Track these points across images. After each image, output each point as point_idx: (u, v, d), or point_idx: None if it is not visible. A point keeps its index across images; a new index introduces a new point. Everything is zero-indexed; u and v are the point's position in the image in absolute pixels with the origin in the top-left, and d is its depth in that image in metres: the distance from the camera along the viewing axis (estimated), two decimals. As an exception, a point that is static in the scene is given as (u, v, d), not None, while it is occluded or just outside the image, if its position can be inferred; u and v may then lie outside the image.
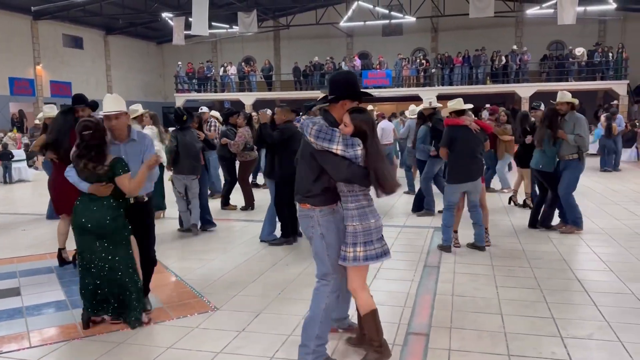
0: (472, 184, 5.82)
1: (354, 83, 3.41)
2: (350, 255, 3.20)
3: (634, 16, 25.68)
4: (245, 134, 8.46)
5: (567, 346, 3.54)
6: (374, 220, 3.25)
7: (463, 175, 5.78)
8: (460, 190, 5.88)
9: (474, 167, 5.81)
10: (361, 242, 3.20)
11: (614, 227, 7.13)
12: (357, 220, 3.20)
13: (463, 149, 5.77)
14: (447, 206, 5.97)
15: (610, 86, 22.73)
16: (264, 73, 27.46)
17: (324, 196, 3.28)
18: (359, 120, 3.14)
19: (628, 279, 4.92)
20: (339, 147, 3.10)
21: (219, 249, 6.34)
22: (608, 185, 10.90)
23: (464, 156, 5.76)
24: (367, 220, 3.22)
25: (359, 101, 3.37)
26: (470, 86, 24.46)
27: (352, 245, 3.20)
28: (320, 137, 3.13)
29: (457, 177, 5.81)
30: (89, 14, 25.03)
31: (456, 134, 5.82)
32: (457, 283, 4.90)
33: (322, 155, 3.17)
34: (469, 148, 5.78)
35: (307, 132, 3.19)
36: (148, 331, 3.92)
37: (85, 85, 27.26)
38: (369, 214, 3.24)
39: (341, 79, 3.39)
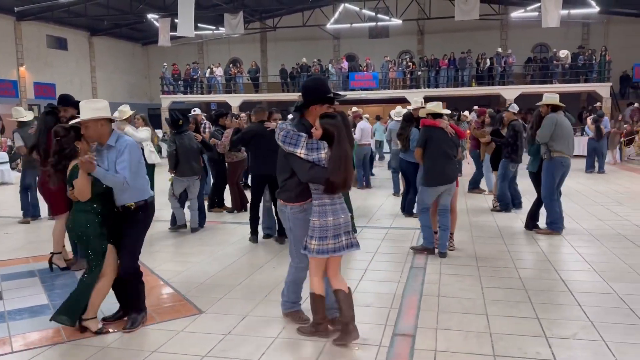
0: (447, 186, 5.80)
1: (322, 88, 3.69)
2: (308, 246, 3.59)
3: (617, 19, 26.06)
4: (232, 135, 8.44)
5: (551, 346, 3.57)
6: (332, 218, 3.53)
7: (440, 178, 5.75)
8: (436, 192, 5.84)
9: (449, 169, 5.78)
10: (317, 236, 3.54)
11: (598, 227, 7.22)
12: (316, 216, 3.55)
13: (437, 150, 5.75)
14: (422, 209, 5.95)
15: (594, 88, 23.03)
16: (251, 75, 27.40)
17: (295, 193, 3.65)
18: (327, 125, 3.47)
19: (611, 279, 4.98)
20: (302, 151, 3.44)
21: (205, 251, 6.30)
22: (592, 187, 11.04)
23: (438, 158, 5.73)
24: (325, 217, 3.53)
25: (329, 104, 3.66)
26: (456, 88, 24.63)
27: (310, 238, 3.58)
28: (286, 142, 3.49)
29: (434, 179, 5.77)
30: (73, 14, 24.77)
31: (432, 135, 5.80)
32: (443, 284, 4.92)
33: (290, 157, 3.55)
34: (443, 150, 5.76)
35: (276, 136, 3.55)
36: (133, 335, 3.88)
37: (70, 86, 26.95)
38: (329, 211, 3.54)
39: (310, 86, 3.70)
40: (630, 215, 7.94)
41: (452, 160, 5.82)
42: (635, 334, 3.75)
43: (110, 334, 3.88)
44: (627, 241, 6.42)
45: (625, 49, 25.37)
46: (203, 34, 27.41)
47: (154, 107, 30.65)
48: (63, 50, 27.16)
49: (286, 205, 3.72)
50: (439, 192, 5.85)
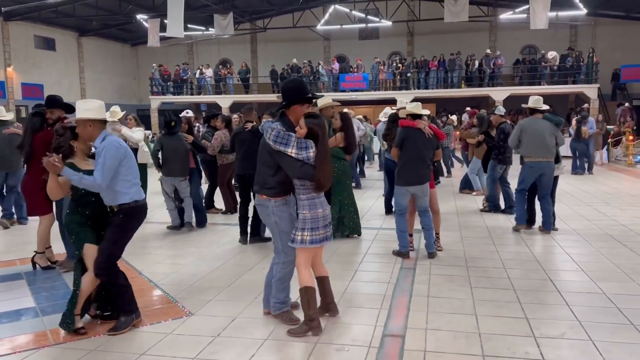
0: (419, 187, 5.77)
1: (301, 89, 3.87)
2: (299, 238, 3.76)
3: (604, 21, 26.32)
4: (222, 137, 8.40)
5: (540, 345, 3.59)
6: (321, 210, 3.81)
7: (410, 178, 5.75)
8: (408, 192, 5.82)
9: (422, 171, 5.77)
10: (308, 227, 3.76)
11: (586, 228, 7.28)
12: (307, 209, 3.77)
13: (413, 151, 5.74)
14: (398, 211, 5.91)
15: (582, 90, 23.23)
16: (241, 76, 27.33)
17: (279, 189, 3.84)
18: (312, 124, 3.71)
19: (599, 278, 5.02)
20: (293, 150, 3.65)
21: (194, 252, 6.27)
22: (580, 187, 11.13)
23: (413, 158, 5.74)
24: (316, 210, 3.78)
25: (309, 103, 3.90)
26: (446, 90, 24.75)
27: (301, 230, 3.77)
28: (278, 142, 3.67)
29: (404, 179, 5.76)
30: (62, 15, 24.60)
31: (408, 136, 5.79)
32: (432, 284, 4.94)
33: (279, 155, 3.72)
34: (419, 151, 5.76)
35: (267, 135, 3.72)
36: (121, 337, 3.85)
37: (58, 87, 26.72)
38: (318, 204, 3.80)
39: (289, 87, 3.90)
40: (617, 216, 8.02)
41: (425, 162, 5.79)
42: (622, 333, 3.78)
43: (97, 337, 3.85)
44: (614, 241, 6.48)
45: (612, 50, 25.64)
46: (193, 35, 27.32)
47: (143, 107, 30.48)
48: (51, 51, 26.95)
49: (269, 199, 3.87)
50: (410, 193, 5.83)
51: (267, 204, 3.88)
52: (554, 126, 6.99)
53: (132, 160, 4.01)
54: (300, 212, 3.79)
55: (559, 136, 7.01)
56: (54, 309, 4.43)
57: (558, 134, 7.00)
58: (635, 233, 6.88)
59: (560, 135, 7.05)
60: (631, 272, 5.20)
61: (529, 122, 7.01)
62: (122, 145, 3.96)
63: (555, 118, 7.12)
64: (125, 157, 3.93)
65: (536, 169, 6.89)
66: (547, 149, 6.85)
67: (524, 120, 7.20)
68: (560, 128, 7.14)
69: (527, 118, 7.15)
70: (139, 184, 4.07)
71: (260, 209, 3.97)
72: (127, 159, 3.95)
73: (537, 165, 6.87)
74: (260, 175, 3.90)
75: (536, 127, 6.89)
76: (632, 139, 15.92)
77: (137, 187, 4.03)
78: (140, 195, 4.01)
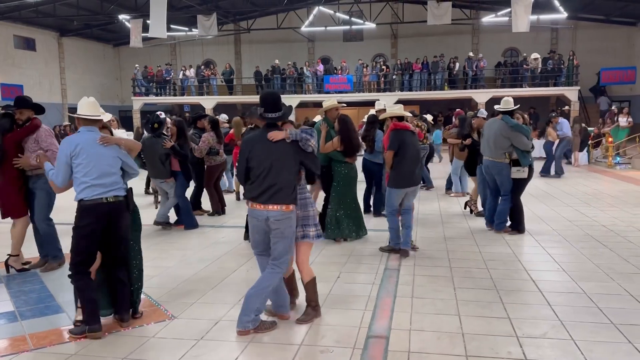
0: (413, 188, 5.92)
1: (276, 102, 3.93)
2: (313, 233, 4.03)
3: (584, 24, 26.73)
4: (210, 139, 8.36)
5: (522, 345, 3.62)
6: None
7: (409, 180, 5.83)
8: (403, 194, 5.91)
9: (417, 172, 5.92)
10: (312, 223, 4.05)
11: (567, 228, 7.37)
12: (312, 205, 4.10)
13: (411, 153, 5.81)
14: (390, 211, 6.00)
15: (563, 92, 23.56)
16: (225, 77, 27.20)
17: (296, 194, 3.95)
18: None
19: (580, 278, 5.08)
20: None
21: (177, 255, 6.22)
22: (560, 188, 11.27)
23: (409, 161, 5.79)
24: (314, 206, 4.12)
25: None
26: (429, 92, 24.91)
27: (307, 227, 4.03)
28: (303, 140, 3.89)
29: (403, 182, 5.82)
30: (42, 15, 24.24)
31: (404, 138, 5.82)
32: (416, 285, 4.95)
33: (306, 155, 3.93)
34: (416, 152, 5.89)
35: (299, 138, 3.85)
36: (103, 342, 3.80)
37: (38, 88, 26.34)
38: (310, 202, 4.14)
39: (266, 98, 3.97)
40: (597, 216, 8.13)
41: (420, 163, 5.95)
42: (603, 332, 3.83)
43: (77, 341, 3.79)
44: (594, 241, 6.57)
45: (592, 53, 26.05)
46: (176, 35, 27.14)
47: (126, 108, 30.18)
48: (31, 51, 26.53)
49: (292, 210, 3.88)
50: (405, 193, 5.93)
51: (291, 215, 3.87)
52: (507, 128, 6.79)
53: (86, 159, 3.91)
54: (310, 208, 4.07)
55: (514, 138, 6.77)
56: (33, 313, 4.37)
57: (512, 136, 6.76)
58: (614, 233, 6.98)
59: (518, 138, 6.76)
60: (611, 272, 5.28)
61: (488, 122, 7.35)
62: (71, 142, 3.94)
63: (511, 121, 6.85)
64: (75, 154, 3.90)
65: (484, 166, 7.21)
66: (491, 149, 6.99)
67: (488, 120, 7.61)
68: (518, 131, 6.77)
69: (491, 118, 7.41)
70: (92, 184, 3.90)
71: (283, 223, 3.82)
72: (78, 157, 3.90)
73: (485, 162, 7.19)
74: (287, 186, 3.82)
75: (490, 127, 7.10)
76: (611, 141, 16.16)
77: (87, 186, 3.89)
78: (87, 195, 3.89)
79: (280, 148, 3.81)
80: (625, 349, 3.55)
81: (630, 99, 25.76)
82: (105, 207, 3.92)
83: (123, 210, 4.05)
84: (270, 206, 3.79)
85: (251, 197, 3.89)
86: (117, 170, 4.06)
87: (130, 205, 4.14)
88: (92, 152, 3.93)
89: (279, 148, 3.81)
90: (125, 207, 4.07)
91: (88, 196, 3.89)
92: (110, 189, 3.95)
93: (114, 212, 3.98)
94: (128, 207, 4.10)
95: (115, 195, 3.97)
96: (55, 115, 25.85)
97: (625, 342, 3.66)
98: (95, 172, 3.92)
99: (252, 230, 4.00)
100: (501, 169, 6.91)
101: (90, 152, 3.93)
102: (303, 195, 4.05)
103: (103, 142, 4.00)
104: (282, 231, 3.83)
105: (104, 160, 3.97)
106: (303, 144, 3.83)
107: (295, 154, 3.85)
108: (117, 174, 4.05)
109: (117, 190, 4.00)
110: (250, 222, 3.98)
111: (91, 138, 3.98)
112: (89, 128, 4.05)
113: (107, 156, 4.00)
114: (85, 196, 3.89)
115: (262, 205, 3.80)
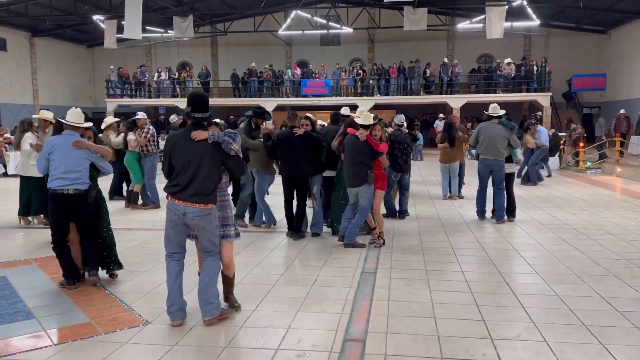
0: (355, 189, 6.45)
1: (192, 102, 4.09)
2: (232, 233, 4.32)
3: (556, 32, 27.33)
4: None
5: (496, 347, 3.67)
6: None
7: (348, 181, 6.55)
8: (351, 193, 6.59)
9: (355, 175, 6.40)
10: (232, 223, 4.33)
11: (539, 231, 7.50)
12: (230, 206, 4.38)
13: (350, 156, 6.43)
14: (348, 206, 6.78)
15: (535, 98, 24.01)
16: (202, 79, 26.97)
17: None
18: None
19: (552, 281, 5.18)
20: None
21: (151, 259, 6.12)
22: (533, 192, 11.48)
23: (349, 163, 6.47)
24: (231, 207, 4.41)
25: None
26: (405, 96, 25.11)
27: (229, 226, 4.30)
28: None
29: (347, 182, 6.57)
30: (13, 14, 23.68)
31: (348, 142, 6.51)
32: (392, 288, 4.98)
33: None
34: (353, 156, 6.39)
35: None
36: (74, 347, 3.72)
37: (9, 89, 25.77)
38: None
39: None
40: (569, 220, 8.30)
41: (358, 167, 6.35)
42: (574, 333, 3.90)
43: (48, 347, 3.70)
44: (566, 244, 6.70)
45: (564, 60, 26.64)
46: (151, 37, 26.83)
47: (99, 110, 29.68)
48: (2, 51, 25.89)
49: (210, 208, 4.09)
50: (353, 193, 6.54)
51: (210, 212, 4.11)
52: (507, 130, 7.96)
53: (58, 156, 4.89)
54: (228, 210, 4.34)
55: (512, 139, 7.95)
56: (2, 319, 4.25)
57: (511, 137, 7.95)
58: (586, 236, 7.13)
59: (514, 138, 8.00)
60: (582, 274, 5.39)
61: (485, 125, 8.18)
62: (50, 142, 5.01)
63: (509, 123, 8.07)
64: (52, 151, 4.92)
65: (486, 165, 8.06)
66: (496, 149, 7.90)
67: (483, 123, 8.33)
68: (514, 133, 8.07)
69: (485, 122, 8.31)
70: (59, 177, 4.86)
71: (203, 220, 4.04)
72: (53, 154, 4.91)
73: (486, 162, 8.04)
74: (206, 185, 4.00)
75: (491, 130, 8.02)
76: (582, 146, 16.51)
77: (55, 177, 4.87)
78: (54, 185, 4.87)
79: (201, 147, 3.97)
80: (596, 350, 3.63)
81: (600, 105, 26.43)
82: (66, 197, 4.88)
83: (83, 200, 4.96)
84: (189, 203, 3.95)
85: (170, 192, 4.03)
86: (82, 168, 4.96)
87: (89, 197, 5.00)
88: (63, 152, 4.91)
89: (200, 147, 3.97)
90: (85, 198, 4.96)
91: (54, 186, 4.88)
92: (72, 183, 4.88)
93: (75, 202, 4.92)
94: (87, 198, 4.97)
95: (76, 188, 4.90)
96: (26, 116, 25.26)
97: (596, 342, 3.74)
98: (63, 167, 4.88)
99: (168, 225, 4.12)
100: (501, 166, 8.00)
101: (62, 151, 4.91)
102: (223, 197, 4.26)
103: (75, 146, 4.94)
104: (202, 226, 4.04)
105: (71, 160, 4.91)
106: (225, 146, 4.01)
107: (216, 155, 4.01)
108: (82, 172, 4.95)
109: (79, 185, 4.92)
110: (168, 216, 4.09)
111: (67, 141, 4.96)
112: (70, 132, 5.05)
113: (76, 157, 4.94)
114: (52, 186, 4.89)
115: (181, 201, 3.96)
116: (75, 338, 3.87)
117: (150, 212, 9.24)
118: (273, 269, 5.65)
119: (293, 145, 6.92)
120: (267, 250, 6.49)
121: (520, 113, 26.16)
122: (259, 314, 4.33)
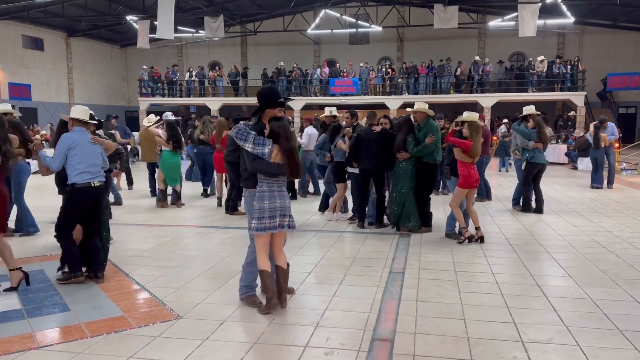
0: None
1: (272, 94, 4.35)
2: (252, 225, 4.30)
3: (591, 30, 26.69)
4: None
5: (527, 350, 3.62)
6: (268, 202, 4.25)
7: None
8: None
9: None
10: (255, 217, 4.25)
11: (572, 234, 7.35)
12: (256, 200, 4.29)
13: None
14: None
15: (569, 97, 23.50)
16: (231, 78, 27.27)
17: (251, 181, 4.38)
18: (273, 126, 4.23)
19: (585, 284, 5.07)
20: (250, 145, 4.17)
21: (182, 256, 6.23)
22: (565, 193, 11.24)
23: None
24: (263, 202, 4.25)
25: (280, 107, 4.34)
26: (435, 95, 24.88)
27: (251, 218, 4.32)
28: (238, 137, 4.20)
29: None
30: (50, 15, 24.38)
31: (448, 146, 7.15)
32: (421, 288, 4.95)
33: (243, 150, 4.32)
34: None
35: (233, 133, 4.27)
36: (108, 340, 3.82)
37: (46, 88, 26.53)
38: (266, 197, 4.26)
39: (262, 93, 4.37)
40: (603, 222, 8.10)
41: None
42: (609, 338, 3.82)
43: (84, 339, 3.81)
44: (600, 247, 6.55)
45: (599, 59, 25.99)
46: (183, 37, 27.24)
47: (132, 109, 30.32)
48: (39, 51, 26.70)
49: (246, 190, 4.47)
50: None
51: (245, 195, 4.55)
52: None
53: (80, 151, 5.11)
54: (253, 202, 4.33)
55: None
56: (40, 311, 4.39)
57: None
58: (620, 239, 6.96)
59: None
60: (616, 277, 5.26)
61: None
62: (70, 138, 5.14)
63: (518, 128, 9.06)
64: (72, 147, 5.11)
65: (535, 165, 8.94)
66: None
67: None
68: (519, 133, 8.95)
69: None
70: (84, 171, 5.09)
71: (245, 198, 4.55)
72: (74, 149, 5.11)
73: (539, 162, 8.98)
74: (242, 171, 4.47)
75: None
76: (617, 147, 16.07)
77: (80, 172, 5.09)
78: (80, 179, 5.08)
79: None
80: (632, 356, 3.54)
81: (637, 105, 25.69)
82: (92, 189, 5.17)
83: (104, 191, 5.41)
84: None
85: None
86: (100, 162, 5.32)
87: (109, 188, 5.32)
88: (85, 147, 5.19)
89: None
90: (105, 189, 5.33)
91: (80, 180, 5.10)
92: (95, 176, 5.21)
93: (99, 193, 5.25)
94: (107, 190, 5.26)
95: (100, 180, 5.25)
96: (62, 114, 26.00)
97: (632, 348, 3.65)
98: (87, 162, 5.15)
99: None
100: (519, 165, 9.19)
101: (84, 147, 5.18)
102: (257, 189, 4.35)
103: (94, 142, 5.31)
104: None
105: (92, 154, 5.24)
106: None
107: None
108: (100, 165, 5.32)
109: (100, 177, 5.28)
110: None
111: (85, 136, 5.25)
112: (81, 128, 5.29)
113: (95, 151, 5.28)
114: (77, 180, 5.10)
115: None
116: (109, 331, 3.98)
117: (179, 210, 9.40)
118: (301, 267, 5.68)
119: (371, 141, 7.43)
120: (295, 248, 6.53)
121: (554, 112, 25.64)
122: (287, 310, 4.37)
